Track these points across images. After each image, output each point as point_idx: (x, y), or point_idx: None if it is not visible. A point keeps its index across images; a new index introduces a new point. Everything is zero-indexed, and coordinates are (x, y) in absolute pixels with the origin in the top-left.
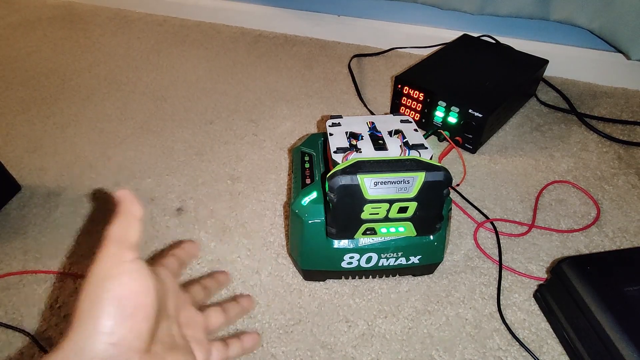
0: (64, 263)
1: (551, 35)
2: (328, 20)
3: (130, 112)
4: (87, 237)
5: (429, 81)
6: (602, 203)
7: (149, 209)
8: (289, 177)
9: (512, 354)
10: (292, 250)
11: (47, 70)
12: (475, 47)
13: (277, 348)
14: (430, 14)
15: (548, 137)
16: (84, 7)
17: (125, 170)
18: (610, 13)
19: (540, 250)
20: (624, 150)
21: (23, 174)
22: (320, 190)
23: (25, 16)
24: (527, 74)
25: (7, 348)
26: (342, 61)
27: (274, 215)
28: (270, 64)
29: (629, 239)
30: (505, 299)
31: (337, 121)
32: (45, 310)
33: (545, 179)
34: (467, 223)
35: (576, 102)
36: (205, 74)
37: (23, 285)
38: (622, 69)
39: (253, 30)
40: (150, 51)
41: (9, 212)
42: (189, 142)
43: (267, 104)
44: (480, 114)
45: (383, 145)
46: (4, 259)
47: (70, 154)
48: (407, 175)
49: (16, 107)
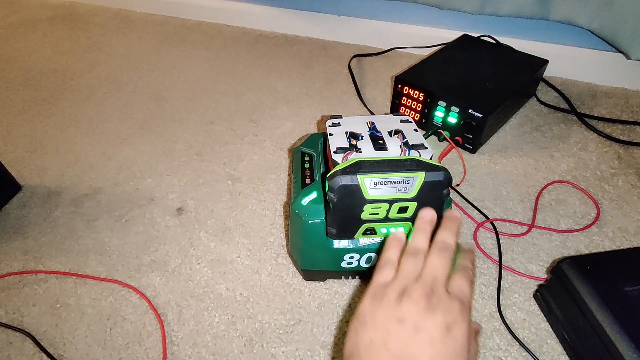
0: (64, 263)
1: (551, 35)
2: (328, 20)
3: (131, 112)
4: (87, 237)
5: (429, 81)
6: (602, 203)
7: (149, 209)
8: (289, 177)
9: (512, 354)
10: (292, 250)
11: (47, 70)
12: (475, 47)
13: (277, 348)
14: (430, 14)
15: (548, 137)
16: (84, 7)
17: (125, 170)
18: (610, 13)
19: (540, 250)
20: (624, 150)
21: (23, 173)
22: (320, 190)
23: (26, 16)
24: (527, 74)
25: (7, 348)
26: (342, 61)
27: (274, 215)
28: (270, 64)
29: (629, 239)
30: (505, 299)
31: (337, 121)
32: (45, 310)
33: (545, 179)
34: (467, 223)
35: (576, 102)
36: (206, 74)
37: (23, 285)
38: (622, 69)
39: (253, 30)
40: (150, 51)
41: (9, 212)
42: (190, 142)
43: (268, 104)
44: (480, 114)
45: (383, 146)
46: (4, 259)
47: (71, 153)
48: (407, 175)
49: (17, 107)
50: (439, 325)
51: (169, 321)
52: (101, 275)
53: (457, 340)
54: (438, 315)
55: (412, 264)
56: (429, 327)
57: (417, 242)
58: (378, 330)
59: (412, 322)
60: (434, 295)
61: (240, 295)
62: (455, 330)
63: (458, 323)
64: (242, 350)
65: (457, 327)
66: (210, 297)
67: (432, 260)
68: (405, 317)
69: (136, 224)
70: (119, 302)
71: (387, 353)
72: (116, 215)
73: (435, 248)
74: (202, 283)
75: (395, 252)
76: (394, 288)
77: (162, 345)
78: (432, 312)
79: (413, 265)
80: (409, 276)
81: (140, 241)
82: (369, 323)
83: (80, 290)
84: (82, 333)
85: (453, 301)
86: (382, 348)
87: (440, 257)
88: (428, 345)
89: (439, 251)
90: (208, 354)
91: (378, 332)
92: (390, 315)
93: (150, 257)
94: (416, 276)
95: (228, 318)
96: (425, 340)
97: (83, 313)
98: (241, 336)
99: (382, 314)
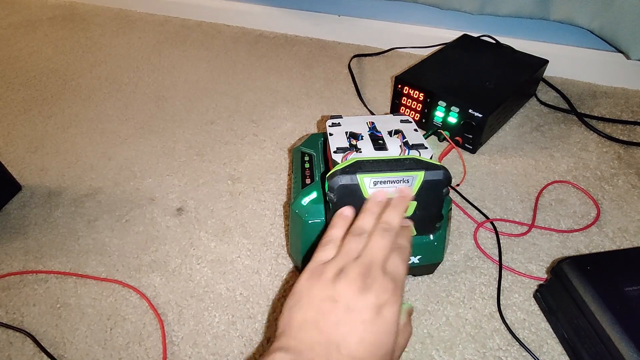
0: (64, 263)
1: (551, 35)
2: (328, 20)
3: (131, 112)
4: (88, 237)
5: (429, 81)
6: (602, 203)
7: (149, 209)
8: (289, 177)
9: (512, 354)
10: (292, 250)
11: (48, 70)
12: (475, 47)
13: None
14: (430, 14)
15: (548, 137)
16: (84, 7)
17: (125, 171)
18: (610, 13)
19: (540, 250)
20: (624, 150)
21: (24, 174)
22: (320, 190)
23: (26, 16)
24: (527, 74)
25: (7, 348)
26: (342, 61)
27: (274, 215)
28: (270, 64)
29: (629, 239)
30: (505, 299)
31: (337, 121)
32: (45, 310)
33: (545, 179)
34: (467, 223)
35: (576, 102)
36: (206, 74)
37: (23, 285)
38: (622, 69)
39: (254, 30)
40: (151, 51)
41: (9, 212)
42: (190, 142)
43: (268, 104)
44: (480, 114)
45: (383, 145)
46: (5, 259)
47: (71, 154)
48: (407, 174)
49: (17, 107)
50: (370, 305)
51: (169, 321)
52: (101, 275)
53: (386, 320)
54: (370, 296)
55: (354, 243)
56: (360, 308)
57: (363, 223)
58: (312, 309)
59: (345, 302)
60: (369, 276)
61: (240, 295)
62: (385, 310)
63: (389, 304)
64: (242, 350)
65: (387, 308)
66: (210, 297)
67: (373, 241)
68: (339, 297)
69: (136, 224)
70: (119, 302)
71: (318, 332)
72: (116, 215)
73: (379, 228)
74: (202, 283)
75: (339, 231)
76: (332, 267)
77: (162, 345)
78: (365, 292)
79: (355, 244)
80: (348, 255)
81: (141, 241)
82: (304, 301)
83: (81, 290)
84: (82, 333)
85: (387, 282)
86: (314, 327)
87: (382, 238)
88: (358, 326)
89: (381, 232)
90: (208, 354)
91: (312, 311)
92: (325, 295)
93: (150, 257)
94: (356, 256)
95: (228, 318)
96: (356, 321)
97: (83, 313)
98: (241, 336)
99: (317, 292)
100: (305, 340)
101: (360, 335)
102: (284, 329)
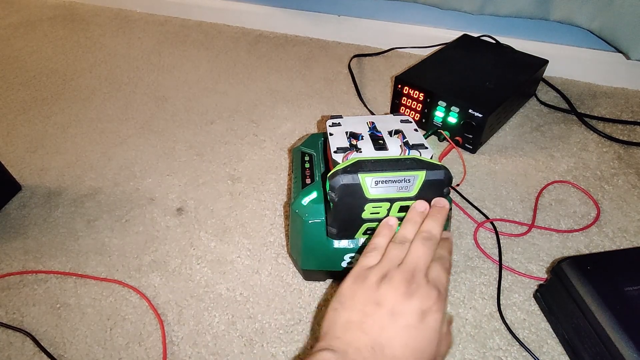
0: (64, 263)
1: (551, 35)
2: (328, 20)
3: (131, 112)
4: (88, 237)
5: (429, 81)
6: (602, 203)
7: (149, 209)
8: (289, 177)
9: (512, 354)
10: (292, 250)
11: (47, 70)
12: (475, 47)
13: (277, 348)
14: (430, 14)
15: (548, 137)
16: (84, 7)
17: (125, 171)
18: (610, 13)
19: (540, 250)
20: (624, 150)
21: (23, 174)
22: (321, 190)
23: (26, 16)
24: (527, 74)
25: (7, 348)
26: (342, 61)
27: (274, 215)
28: (270, 64)
29: (629, 239)
30: (505, 299)
31: (337, 121)
32: (45, 310)
33: (545, 179)
34: (467, 223)
35: (576, 102)
36: (206, 74)
37: (23, 285)
38: (622, 69)
39: (253, 30)
40: (151, 51)
41: (9, 212)
42: (190, 142)
43: (268, 104)
44: (480, 114)
45: (383, 145)
46: (5, 259)
47: (71, 154)
48: (408, 174)
49: (17, 107)
50: (415, 311)
51: (169, 321)
52: (101, 276)
53: (430, 327)
54: (415, 302)
55: (397, 251)
56: (405, 313)
57: (406, 232)
58: (356, 311)
59: (389, 306)
60: (413, 282)
61: (240, 295)
62: (429, 317)
63: (433, 311)
64: (242, 350)
65: (431, 315)
66: (210, 297)
67: (415, 249)
68: (383, 301)
69: (136, 224)
70: (119, 302)
71: (362, 334)
72: (116, 215)
73: (420, 237)
74: (202, 283)
75: (384, 239)
76: (376, 272)
77: (162, 345)
78: (410, 298)
79: (398, 252)
80: (392, 262)
81: (141, 241)
82: (348, 303)
83: (81, 291)
84: (82, 333)
85: (431, 289)
86: (358, 329)
87: (424, 246)
88: (402, 330)
89: (422, 240)
90: (208, 354)
91: (356, 313)
92: (369, 298)
93: (150, 257)
94: (399, 263)
95: (228, 318)
96: (400, 325)
97: (83, 313)
98: (241, 336)
99: (361, 295)
100: (350, 340)
101: (404, 339)
102: (328, 330)
